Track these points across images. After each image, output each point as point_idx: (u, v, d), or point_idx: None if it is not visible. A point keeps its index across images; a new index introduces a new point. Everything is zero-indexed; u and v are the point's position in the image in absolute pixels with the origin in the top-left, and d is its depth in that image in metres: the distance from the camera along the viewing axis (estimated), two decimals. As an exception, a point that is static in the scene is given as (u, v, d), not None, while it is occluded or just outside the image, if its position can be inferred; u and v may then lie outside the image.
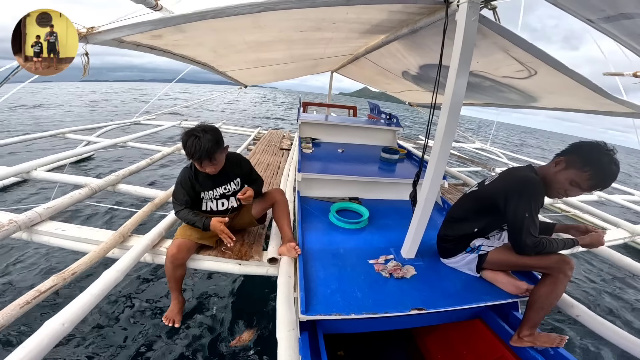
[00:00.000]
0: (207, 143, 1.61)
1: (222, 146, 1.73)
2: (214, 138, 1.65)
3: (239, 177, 1.95)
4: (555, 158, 1.54)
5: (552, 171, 1.52)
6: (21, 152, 6.64)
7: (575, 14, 1.51)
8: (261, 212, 2.08)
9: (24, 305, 1.32)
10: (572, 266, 1.48)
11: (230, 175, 1.91)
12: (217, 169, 1.76)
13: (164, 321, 1.87)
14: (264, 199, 2.04)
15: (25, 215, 1.93)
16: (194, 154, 1.62)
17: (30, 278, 2.82)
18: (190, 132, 1.63)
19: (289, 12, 1.65)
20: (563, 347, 1.46)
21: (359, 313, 1.46)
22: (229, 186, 1.91)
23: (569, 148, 1.51)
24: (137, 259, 1.73)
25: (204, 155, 1.62)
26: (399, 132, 4.34)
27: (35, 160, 2.93)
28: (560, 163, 1.50)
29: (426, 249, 1.99)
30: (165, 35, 1.86)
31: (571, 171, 1.46)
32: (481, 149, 7.52)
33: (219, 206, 1.92)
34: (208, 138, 1.62)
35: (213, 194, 1.88)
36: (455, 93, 1.53)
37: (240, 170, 1.96)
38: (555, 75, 1.92)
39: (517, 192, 1.52)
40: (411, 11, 1.90)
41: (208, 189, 1.86)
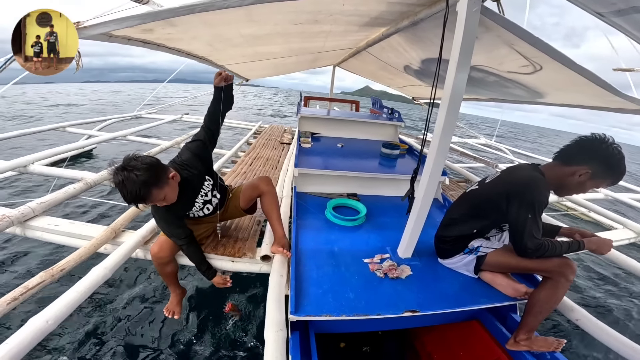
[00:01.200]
0: (133, 187, 1.30)
1: (160, 181, 1.39)
2: (143, 179, 1.31)
3: (205, 175, 1.73)
4: (573, 165, 1.43)
5: (576, 181, 1.43)
6: (25, 146, 6.69)
7: (585, 7, 1.43)
8: (249, 203, 1.93)
9: (11, 301, 1.31)
10: (574, 270, 1.43)
11: (197, 183, 1.69)
12: (170, 200, 1.48)
13: (165, 312, 1.89)
14: (250, 188, 1.90)
15: (18, 211, 1.92)
16: (126, 199, 1.34)
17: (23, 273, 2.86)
18: (115, 172, 1.33)
19: (282, 5, 1.60)
20: (560, 352, 1.42)
21: (350, 314, 1.42)
22: (203, 190, 1.72)
23: (585, 153, 1.41)
24: (128, 255, 1.71)
25: (136, 199, 1.34)
26: (401, 127, 4.27)
27: (33, 154, 2.93)
28: (584, 175, 1.41)
29: (424, 248, 1.94)
30: (157, 29, 1.82)
31: (597, 181, 1.42)
32: (486, 145, 7.40)
33: (206, 211, 1.81)
34: (133, 180, 1.30)
35: (197, 207, 1.74)
36: (455, 87, 1.47)
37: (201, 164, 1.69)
38: (562, 71, 1.84)
39: (520, 193, 1.46)
40: (411, 2, 1.83)
41: (189, 208, 1.72)
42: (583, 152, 1.42)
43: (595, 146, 1.38)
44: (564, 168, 1.47)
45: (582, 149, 1.42)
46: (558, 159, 1.51)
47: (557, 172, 1.49)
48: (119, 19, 1.45)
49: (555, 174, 1.49)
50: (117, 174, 1.32)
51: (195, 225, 1.83)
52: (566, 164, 1.46)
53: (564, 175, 1.47)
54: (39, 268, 2.90)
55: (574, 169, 1.43)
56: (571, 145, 1.47)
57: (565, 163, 1.47)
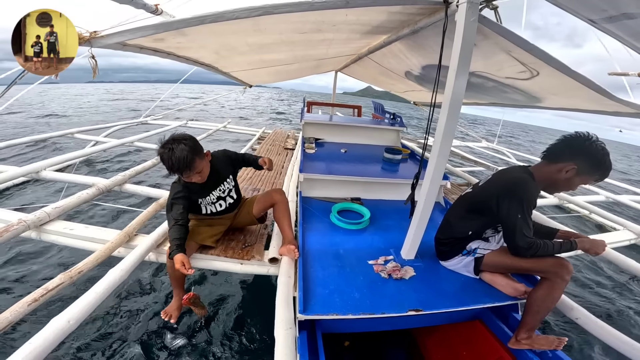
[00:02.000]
0: (181, 153, 1.53)
1: (201, 153, 1.65)
2: (190, 147, 1.57)
3: (230, 175, 1.97)
4: (559, 163, 1.51)
5: (563, 177, 1.51)
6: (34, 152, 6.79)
7: (577, 14, 1.50)
8: (261, 212, 2.11)
9: (32, 302, 1.35)
10: (570, 270, 1.47)
11: (221, 176, 1.91)
12: (204, 176, 1.71)
13: (162, 315, 1.90)
14: (264, 199, 2.06)
15: (34, 215, 1.98)
16: (172, 167, 1.56)
17: (42, 274, 2.90)
18: (164, 145, 1.57)
19: (288, 15, 1.66)
20: (561, 350, 1.46)
21: (356, 313, 1.47)
22: (223, 186, 1.93)
23: (571, 150, 1.48)
24: (142, 258, 1.77)
25: (182, 166, 1.55)
26: (403, 131, 4.32)
27: (45, 160, 3.00)
28: (570, 170, 1.48)
29: (426, 250, 1.99)
30: (168, 39, 1.89)
31: (583, 177, 1.49)
32: (488, 148, 7.44)
33: (218, 208, 1.95)
34: (182, 148, 1.54)
35: (210, 199, 1.89)
36: (455, 93, 1.53)
37: (229, 166, 1.96)
38: (558, 77, 1.91)
39: (509, 193, 1.52)
40: (411, 12, 1.90)
41: (204, 196, 1.87)
42: (568, 149, 1.49)
43: (579, 143, 1.46)
44: (551, 166, 1.54)
45: (567, 146, 1.50)
46: (545, 158, 1.58)
47: (544, 171, 1.56)
48: (134, 29, 1.51)
49: (543, 172, 1.57)
50: (165, 145, 1.56)
51: (208, 227, 1.93)
52: (553, 162, 1.54)
53: (551, 172, 1.54)
54: (48, 272, 2.95)
55: (560, 166, 1.50)
56: (557, 144, 1.54)
57: (552, 161, 1.54)
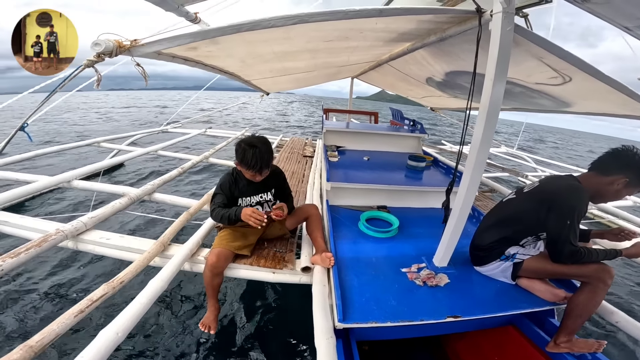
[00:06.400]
0: (265, 154, 1.75)
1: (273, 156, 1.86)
2: (269, 149, 1.79)
3: (274, 188, 2.04)
4: (611, 175, 1.53)
5: (614, 189, 1.54)
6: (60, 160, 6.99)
7: (612, 22, 1.50)
8: (294, 225, 2.18)
9: (78, 314, 1.36)
10: (612, 275, 1.49)
11: (268, 184, 1.99)
12: (265, 174, 1.86)
13: (200, 327, 1.90)
14: (299, 213, 2.12)
15: (71, 225, 2.02)
16: (255, 165, 1.72)
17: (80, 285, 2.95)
18: (249, 143, 1.73)
19: (320, 24, 1.69)
20: (601, 353, 1.45)
21: (395, 321, 1.47)
22: (265, 195, 2.01)
23: (621, 163, 1.51)
24: (179, 267, 1.80)
25: (264, 165, 1.75)
26: (424, 138, 4.30)
27: (75, 170, 3.07)
28: (621, 182, 1.51)
29: (457, 257, 1.97)
30: (200, 47, 1.91)
31: (631, 189, 1.52)
32: (508, 154, 7.33)
33: None
34: (265, 149, 1.75)
35: (250, 201, 1.96)
36: (492, 102, 1.53)
37: (276, 182, 2.05)
38: (591, 82, 1.88)
39: (561, 201, 1.54)
40: (440, 20, 1.90)
41: (246, 196, 1.95)
42: (618, 162, 1.52)
43: (629, 157, 1.49)
44: (602, 178, 1.56)
45: (617, 159, 1.53)
46: (594, 170, 1.60)
47: (594, 182, 1.58)
48: (172, 37, 1.51)
49: (593, 183, 1.58)
50: (251, 144, 1.72)
51: (241, 236, 1.97)
52: (604, 174, 1.56)
53: (602, 184, 1.56)
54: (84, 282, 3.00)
55: (612, 178, 1.53)
56: (606, 157, 1.57)
57: (603, 173, 1.56)
